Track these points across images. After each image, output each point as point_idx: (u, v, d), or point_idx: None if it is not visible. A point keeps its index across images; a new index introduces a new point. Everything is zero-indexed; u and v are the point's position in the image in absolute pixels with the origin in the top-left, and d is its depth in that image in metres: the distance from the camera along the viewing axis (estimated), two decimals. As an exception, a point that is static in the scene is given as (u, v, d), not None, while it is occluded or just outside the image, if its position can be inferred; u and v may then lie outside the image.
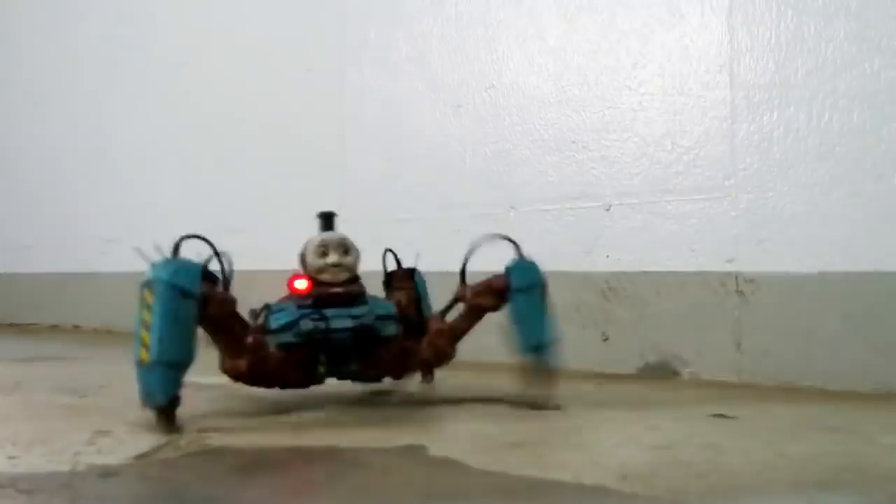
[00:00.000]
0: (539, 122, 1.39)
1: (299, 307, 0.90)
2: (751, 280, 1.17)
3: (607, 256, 1.30)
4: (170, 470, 0.70)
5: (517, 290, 0.94)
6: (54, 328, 2.24)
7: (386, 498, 0.61)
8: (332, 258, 0.92)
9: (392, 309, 0.95)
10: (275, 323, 0.90)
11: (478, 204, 1.45)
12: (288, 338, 0.90)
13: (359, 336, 0.91)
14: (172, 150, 2.03)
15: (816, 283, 1.12)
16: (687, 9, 1.25)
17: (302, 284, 0.92)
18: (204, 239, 0.86)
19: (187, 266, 0.82)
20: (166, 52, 2.05)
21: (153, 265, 0.82)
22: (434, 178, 1.52)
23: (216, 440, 0.79)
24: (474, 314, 0.97)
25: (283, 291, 0.94)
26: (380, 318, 0.93)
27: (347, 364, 0.93)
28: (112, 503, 0.61)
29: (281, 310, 0.91)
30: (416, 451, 0.75)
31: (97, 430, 0.84)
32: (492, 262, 0.96)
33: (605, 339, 1.30)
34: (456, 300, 0.98)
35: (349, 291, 0.92)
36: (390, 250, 1.07)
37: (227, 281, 0.87)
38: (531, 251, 0.99)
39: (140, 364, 0.79)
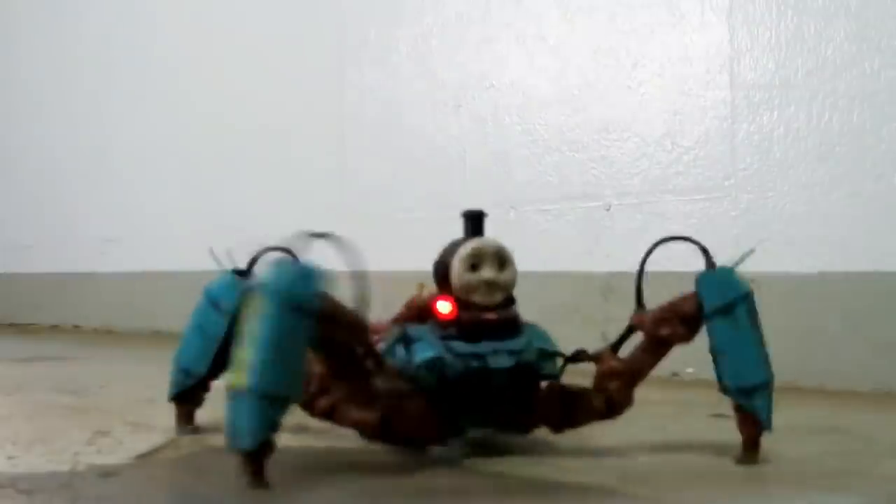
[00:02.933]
0: (539, 122, 1.39)
1: (443, 338, 0.69)
2: (751, 280, 1.17)
3: (607, 256, 1.30)
4: (170, 470, 0.70)
5: (713, 314, 0.72)
6: (54, 328, 2.24)
7: (386, 498, 0.61)
8: (487, 273, 0.70)
9: (553, 341, 0.73)
10: (416, 357, 0.68)
11: (478, 204, 1.45)
12: (428, 380, 0.68)
13: (517, 378, 0.70)
14: (172, 150, 2.02)
15: (816, 283, 1.12)
16: (687, 9, 1.25)
17: (446, 308, 0.70)
18: (330, 237, 0.65)
19: (310, 273, 0.62)
20: (166, 52, 2.05)
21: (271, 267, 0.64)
22: (434, 178, 1.52)
23: (216, 440, 0.79)
24: (657, 349, 0.74)
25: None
26: (541, 353, 0.71)
27: (498, 412, 0.71)
28: (112, 503, 0.61)
29: (418, 338, 0.70)
30: (415, 451, 0.75)
31: (97, 430, 0.84)
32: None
33: (606, 339, 1.30)
34: (631, 329, 0.76)
35: (506, 318, 0.70)
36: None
37: (364, 296, 0.64)
38: (531, 251, 0.97)
39: (233, 391, 0.60)
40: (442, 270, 0.72)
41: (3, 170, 2.49)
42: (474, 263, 0.70)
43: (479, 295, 0.70)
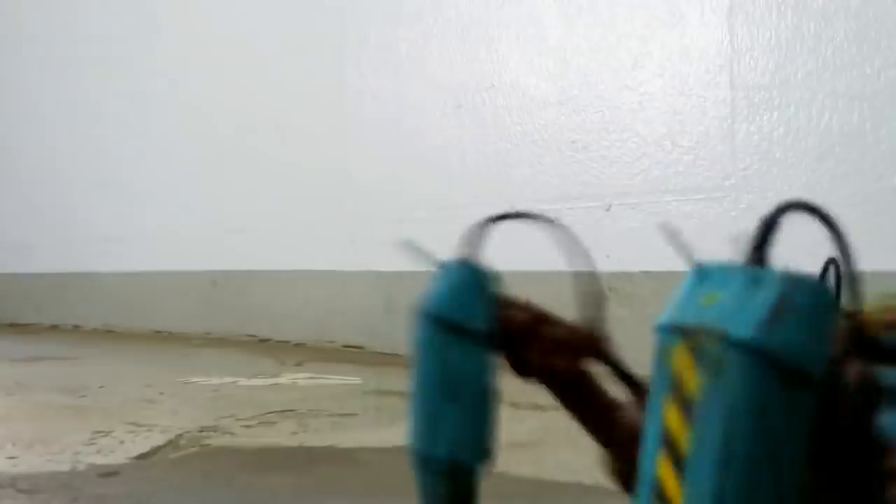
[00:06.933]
0: (539, 122, 1.39)
1: None
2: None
3: (607, 256, 1.30)
4: (170, 470, 0.70)
5: None
6: (54, 328, 2.24)
7: (386, 498, 0.61)
8: None
9: None
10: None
11: (478, 204, 1.45)
12: None
13: None
14: (172, 150, 2.03)
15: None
16: (687, 9, 1.25)
17: None
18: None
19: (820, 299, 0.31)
20: (166, 52, 2.05)
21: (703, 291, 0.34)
22: (434, 179, 1.52)
23: (216, 440, 0.79)
24: None
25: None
26: None
27: None
28: (112, 503, 0.61)
29: None
30: (416, 451, 0.75)
31: (97, 430, 0.84)
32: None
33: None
34: None
35: None
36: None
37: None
38: (531, 251, 0.97)
39: None
40: None
41: (3, 170, 2.49)
42: None
43: None
